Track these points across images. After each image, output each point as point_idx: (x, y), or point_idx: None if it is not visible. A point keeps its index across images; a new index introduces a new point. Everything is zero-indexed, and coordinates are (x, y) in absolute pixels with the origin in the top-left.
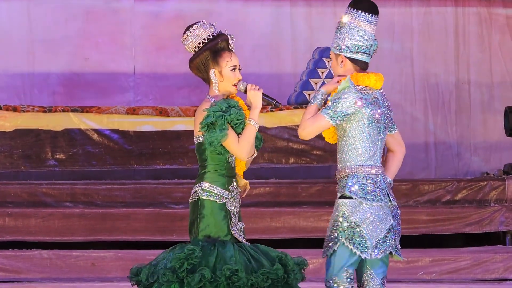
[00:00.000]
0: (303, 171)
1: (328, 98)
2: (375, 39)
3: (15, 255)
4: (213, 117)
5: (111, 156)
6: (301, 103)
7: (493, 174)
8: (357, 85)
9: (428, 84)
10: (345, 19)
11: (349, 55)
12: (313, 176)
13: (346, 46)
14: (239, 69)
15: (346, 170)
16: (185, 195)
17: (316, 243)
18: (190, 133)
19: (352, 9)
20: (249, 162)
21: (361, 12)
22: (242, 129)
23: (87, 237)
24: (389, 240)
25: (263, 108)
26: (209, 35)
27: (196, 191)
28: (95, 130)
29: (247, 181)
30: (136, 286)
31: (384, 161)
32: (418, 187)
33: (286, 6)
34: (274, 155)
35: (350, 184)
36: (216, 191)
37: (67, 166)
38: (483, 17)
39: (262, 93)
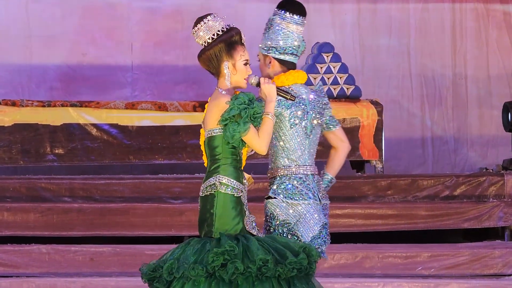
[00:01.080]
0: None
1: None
2: (303, 40)
3: (13, 249)
4: (237, 110)
5: (110, 151)
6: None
7: (492, 170)
8: (281, 87)
9: (425, 80)
10: (274, 20)
11: (276, 55)
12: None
13: (273, 47)
14: (249, 64)
15: (275, 170)
16: (184, 190)
17: None
18: (189, 128)
19: (280, 10)
20: (246, 156)
21: (289, 14)
22: (259, 123)
23: (85, 232)
24: (322, 238)
25: None
26: (223, 27)
27: (214, 184)
28: (94, 125)
29: (250, 175)
30: (148, 284)
31: (328, 158)
32: (417, 182)
33: None
34: None
35: (276, 185)
36: (233, 185)
37: (66, 161)
38: (480, 13)
39: (276, 87)
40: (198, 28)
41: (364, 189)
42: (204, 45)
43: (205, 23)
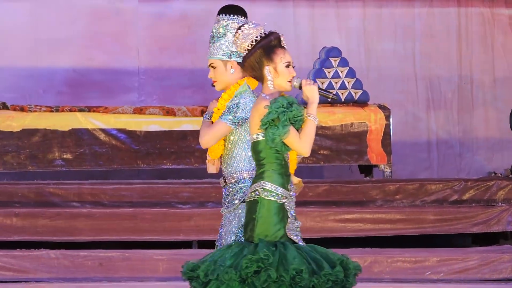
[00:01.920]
0: (310, 170)
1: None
2: None
3: (22, 255)
4: (275, 113)
5: (118, 156)
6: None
7: (501, 174)
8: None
9: (431, 84)
10: (228, 26)
11: (238, 60)
12: (320, 176)
13: (234, 51)
14: (293, 66)
15: (241, 174)
16: (192, 194)
17: (323, 243)
18: (197, 132)
19: (229, 15)
20: (298, 160)
21: (242, 17)
22: (301, 126)
23: (94, 237)
24: None
25: None
26: (260, 33)
27: (256, 190)
28: (102, 130)
29: (300, 179)
30: (188, 282)
31: None
32: (425, 187)
33: (289, 6)
34: None
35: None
36: (277, 191)
37: (74, 166)
38: (486, 18)
39: (318, 88)
40: (237, 37)
41: (372, 193)
42: (245, 53)
43: (242, 31)
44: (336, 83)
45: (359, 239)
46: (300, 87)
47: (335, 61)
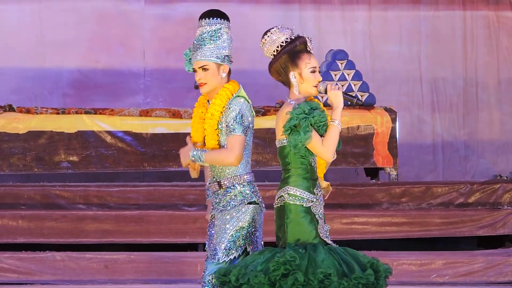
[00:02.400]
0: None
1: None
2: None
3: (28, 257)
4: (296, 119)
5: (124, 158)
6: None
7: (506, 177)
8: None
9: (436, 87)
10: (220, 29)
11: (229, 64)
12: (326, 178)
13: (227, 55)
14: (319, 71)
15: (241, 178)
16: (198, 197)
17: None
18: None
19: (221, 19)
20: (328, 164)
21: (226, 21)
22: (325, 130)
23: (100, 239)
24: None
25: (276, 111)
26: (286, 38)
27: (281, 196)
28: (108, 132)
29: (329, 183)
30: (220, 286)
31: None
32: (431, 189)
33: (295, 9)
34: None
35: (251, 191)
36: (302, 195)
37: (80, 168)
38: (491, 21)
39: (342, 92)
40: (263, 42)
41: (378, 196)
42: (271, 58)
43: (268, 36)
44: (342, 85)
45: (365, 242)
46: (326, 92)
47: (341, 63)
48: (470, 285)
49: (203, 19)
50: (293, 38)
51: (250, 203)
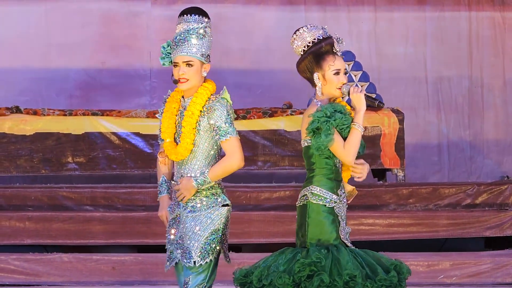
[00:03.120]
0: None
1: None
2: None
3: (35, 258)
4: (318, 122)
5: (131, 160)
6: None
7: None
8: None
9: (441, 88)
10: (206, 29)
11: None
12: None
13: (209, 55)
14: (345, 73)
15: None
16: None
17: None
18: None
19: (206, 18)
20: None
21: (209, 20)
22: (348, 133)
23: (107, 240)
24: None
25: (283, 112)
26: (314, 39)
27: (305, 195)
28: (115, 134)
29: (354, 187)
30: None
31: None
32: (439, 190)
33: (301, 11)
34: (294, 159)
35: (222, 191)
36: (325, 195)
37: (88, 169)
38: (496, 21)
39: (365, 94)
40: (292, 40)
41: (385, 197)
42: (299, 57)
43: (297, 35)
44: (362, 86)
45: (372, 243)
46: (349, 95)
47: (349, 65)
48: (477, 286)
49: (188, 15)
50: (320, 38)
51: (224, 205)
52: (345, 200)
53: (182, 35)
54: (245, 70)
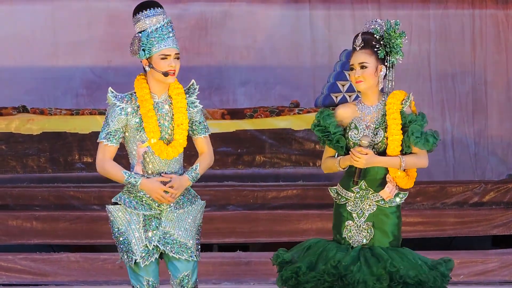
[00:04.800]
0: (330, 173)
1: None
2: None
3: (42, 258)
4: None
5: None
6: (328, 105)
7: None
8: None
9: (445, 85)
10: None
11: None
12: (340, 178)
13: None
14: (362, 67)
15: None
16: (213, 197)
17: None
18: (218, 135)
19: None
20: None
21: None
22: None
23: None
24: None
25: (291, 111)
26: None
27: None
28: None
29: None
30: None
31: None
32: (446, 189)
33: (306, 9)
34: (301, 158)
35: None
36: (340, 192)
37: (95, 169)
38: (500, 19)
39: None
40: None
41: None
42: None
43: None
44: None
45: None
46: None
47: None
48: (484, 285)
49: (158, 8)
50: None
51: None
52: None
53: (165, 28)
54: (250, 67)
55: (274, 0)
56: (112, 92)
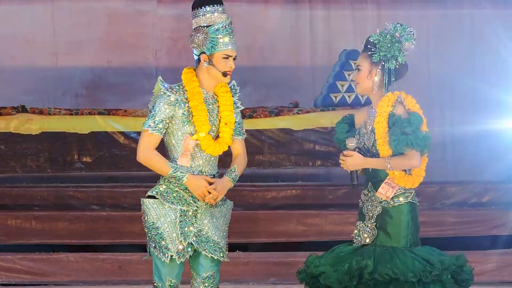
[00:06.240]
0: (329, 173)
1: None
2: None
3: (42, 258)
4: None
5: None
6: (327, 105)
7: None
8: None
9: (444, 86)
10: None
11: None
12: (340, 178)
13: None
14: (357, 70)
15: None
16: None
17: None
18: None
19: None
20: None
21: None
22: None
23: (114, 240)
24: None
25: (290, 111)
26: None
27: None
28: (122, 133)
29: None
30: None
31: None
32: (445, 189)
33: (306, 9)
34: (300, 158)
35: None
36: (361, 197)
37: (94, 169)
38: (498, 20)
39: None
40: None
41: None
42: None
43: None
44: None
45: None
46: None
47: (355, 63)
48: (483, 285)
49: (223, 6)
50: None
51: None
52: (374, 199)
53: (228, 28)
54: (250, 67)
55: (274, 0)
56: (162, 81)
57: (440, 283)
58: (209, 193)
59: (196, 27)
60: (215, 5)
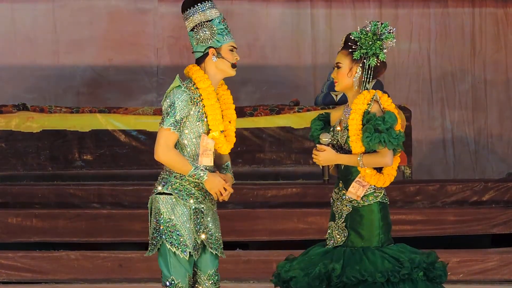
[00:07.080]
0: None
1: None
2: None
3: (42, 256)
4: None
5: (138, 157)
6: (328, 103)
7: None
8: None
9: (445, 83)
10: None
11: None
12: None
13: None
14: (337, 67)
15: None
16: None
17: None
18: None
19: None
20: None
21: None
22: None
23: (114, 238)
24: None
25: (291, 109)
26: None
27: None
28: (122, 131)
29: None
30: None
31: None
32: (445, 188)
33: (307, 7)
34: (301, 156)
35: None
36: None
37: (94, 167)
38: (500, 18)
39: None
40: None
41: (392, 194)
42: None
43: None
44: None
45: None
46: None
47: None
48: (484, 283)
49: (210, 1)
50: None
51: None
52: (343, 197)
53: (225, 22)
54: (251, 66)
55: None
56: (180, 79)
57: (411, 282)
58: (225, 190)
59: (197, 24)
60: (208, 1)
